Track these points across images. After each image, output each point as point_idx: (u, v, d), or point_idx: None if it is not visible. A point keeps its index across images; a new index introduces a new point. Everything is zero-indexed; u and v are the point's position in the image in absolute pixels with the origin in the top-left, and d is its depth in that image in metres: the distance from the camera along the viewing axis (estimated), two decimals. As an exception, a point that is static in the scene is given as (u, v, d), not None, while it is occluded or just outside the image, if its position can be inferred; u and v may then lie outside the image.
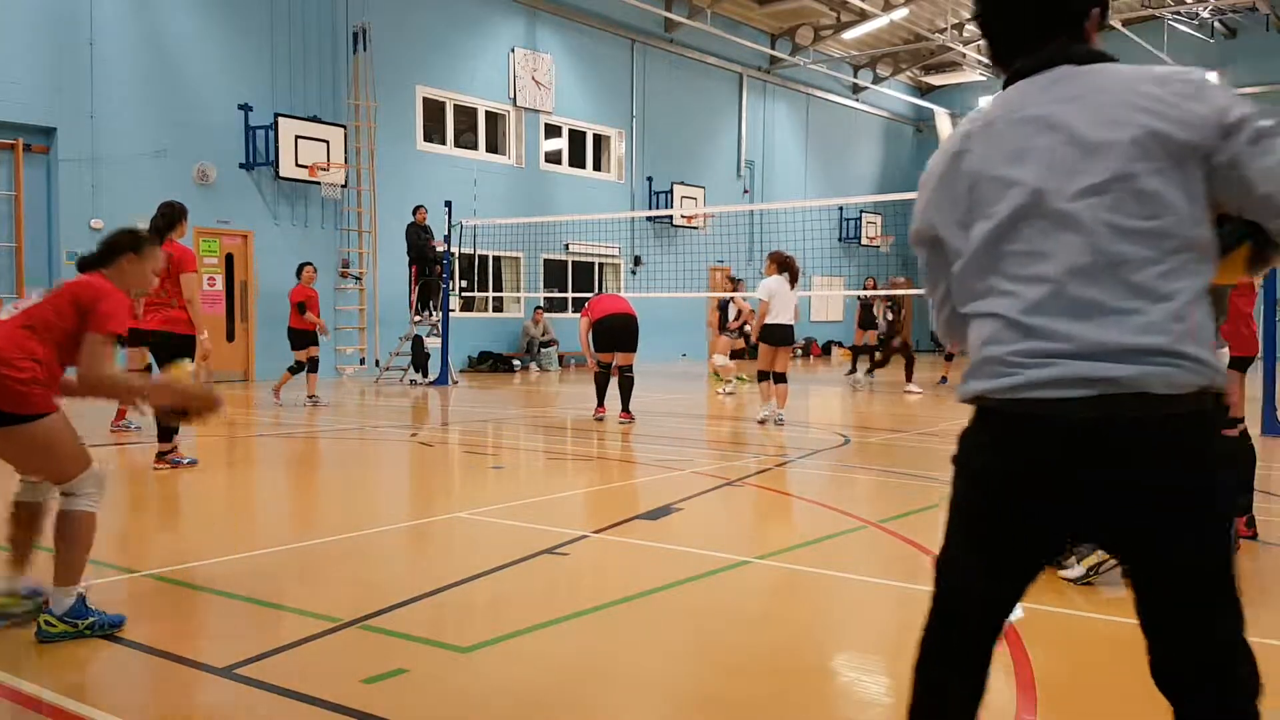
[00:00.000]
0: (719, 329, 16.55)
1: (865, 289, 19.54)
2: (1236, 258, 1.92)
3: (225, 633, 3.89)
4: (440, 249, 16.72)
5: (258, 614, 4.11)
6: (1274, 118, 1.76)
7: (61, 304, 3.76)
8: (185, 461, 7.68)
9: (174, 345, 7.51)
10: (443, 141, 20.16)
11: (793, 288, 11.40)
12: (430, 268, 16.83)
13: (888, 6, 25.87)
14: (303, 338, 12.90)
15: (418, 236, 16.63)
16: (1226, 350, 5.09)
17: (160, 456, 7.62)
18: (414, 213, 16.79)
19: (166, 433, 7.59)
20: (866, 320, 19.15)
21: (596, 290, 23.57)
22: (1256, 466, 5.49)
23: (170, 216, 7.84)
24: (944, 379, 17.34)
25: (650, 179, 24.33)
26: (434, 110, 19.99)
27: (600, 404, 11.42)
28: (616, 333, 11.17)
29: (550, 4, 21.49)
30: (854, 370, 19.67)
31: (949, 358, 17.76)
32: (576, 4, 22.10)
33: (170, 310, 7.55)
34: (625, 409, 11.20)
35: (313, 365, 12.97)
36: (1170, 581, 1.90)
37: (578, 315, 22.56)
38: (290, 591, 4.44)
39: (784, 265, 11.50)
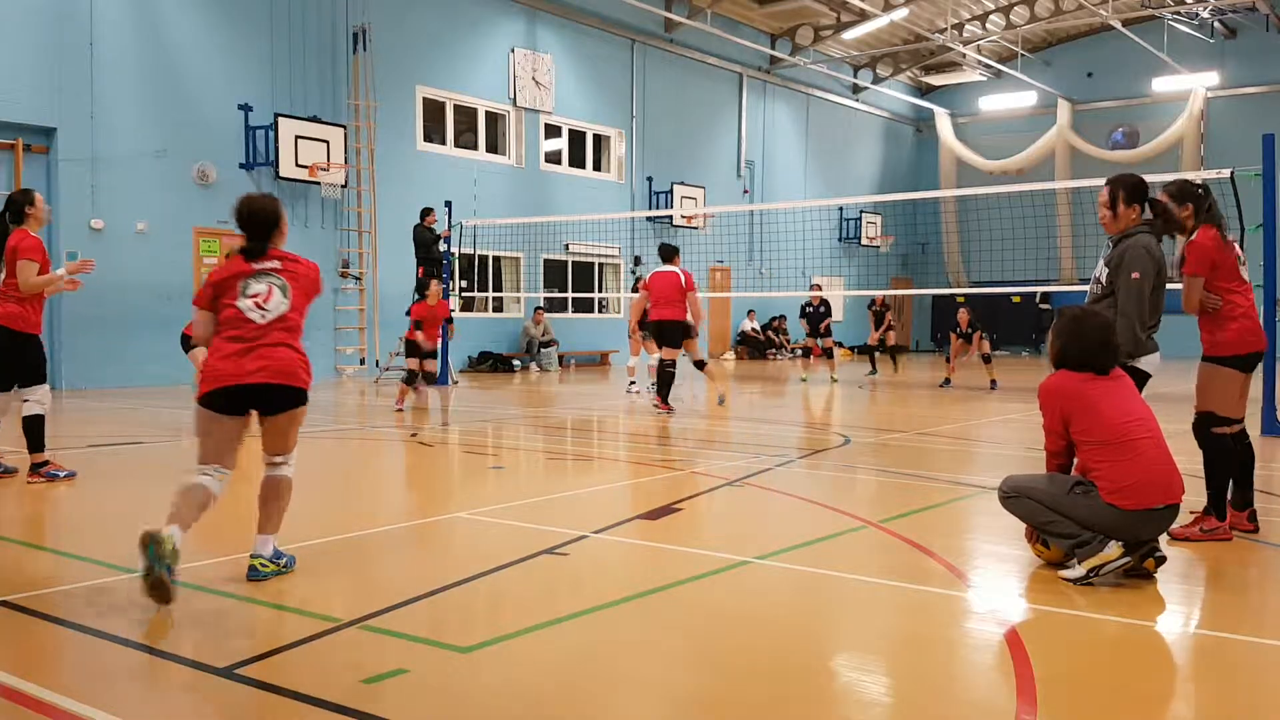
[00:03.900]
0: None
1: (876, 297, 19.89)
2: None
3: (225, 633, 3.88)
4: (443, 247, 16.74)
5: (258, 614, 4.11)
6: None
7: (301, 303, 4.62)
8: (62, 475, 6.99)
9: (12, 343, 6.88)
10: (443, 141, 20.16)
11: None
12: (434, 268, 16.83)
13: (888, 6, 25.87)
14: (418, 348, 12.58)
15: (432, 236, 16.64)
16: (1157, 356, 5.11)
17: (35, 469, 6.97)
18: (423, 216, 16.77)
19: (38, 443, 6.96)
20: (880, 324, 19.73)
21: (597, 287, 23.58)
22: (1255, 466, 5.48)
23: (15, 204, 7.07)
24: (947, 381, 17.23)
25: (650, 179, 24.33)
26: (434, 110, 19.99)
27: (664, 399, 12.00)
28: (659, 333, 12.12)
29: (550, 4, 21.49)
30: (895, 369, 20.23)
31: (951, 360, 17.64)
32: (576, 4, 22.10)
33: (6, 305, 6.85)
34: (661, 397, 11.92)
35: (427, 378, 12.66)
36: None
37: (577, 315, 22.70)
38: (290, 591, 4.44)
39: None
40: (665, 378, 11.92)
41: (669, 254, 12.40)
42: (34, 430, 6.94)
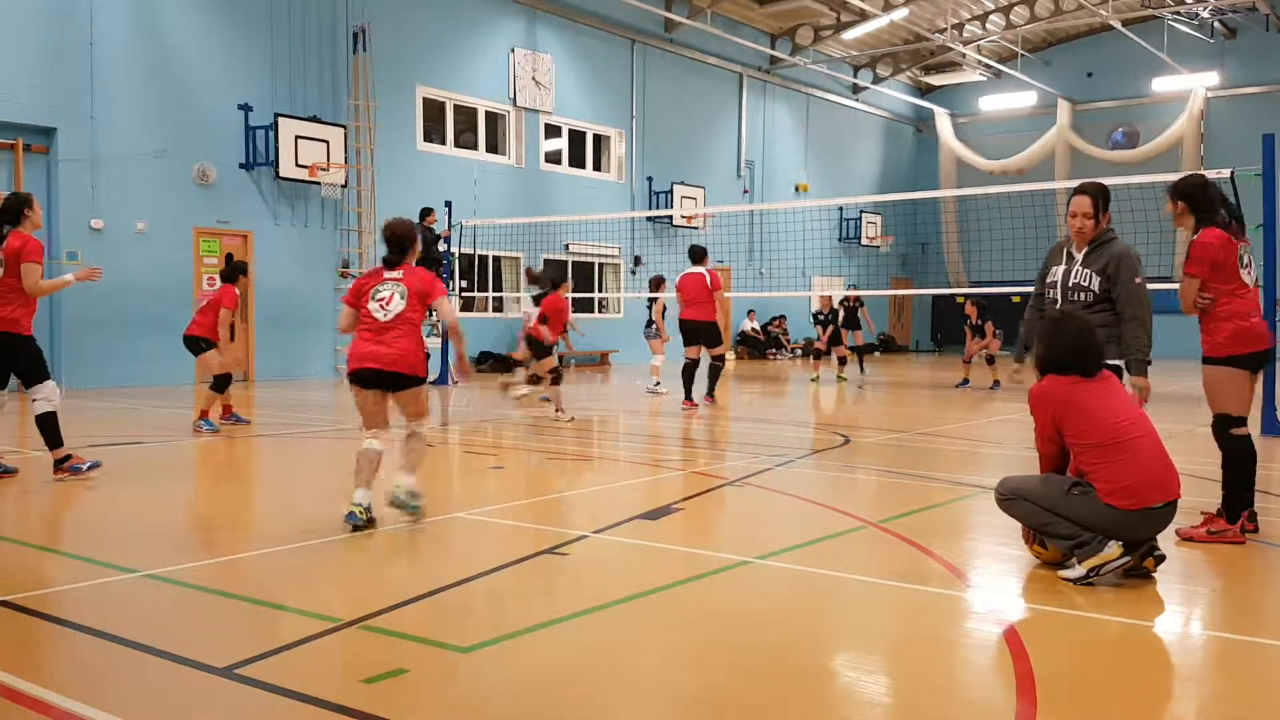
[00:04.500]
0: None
1: (847, 293, 19.66)
2: None
3: (225, 633, 3.89)
4: (442, 248, 16.76)
5: (258, 614, 4.11)
6: None
7: (420, 298, 5.76)
8: (85, 468, 7.03)
9: (13, 347, 6.87)
10: (443, 141, 20.16)
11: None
12: (434, 268, 16.84)
13: (888, 6, 25.87)
14: (545, 349, 11.77)
15: (433, 236, 16.63)
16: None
17: (58, 466, 7.01)
18: (423, 216, 16.75)
19: (54, 439, 6.97)
20: (851, 322, 19.34)
21: (597, 287, 23.57)
22: (1257, 466, 5.48)
23: (13, 207, 7.02)
24: (965, 381, 17.08)
25: (650, 179, 24.32)
26: (434, 110, 19.99)
27: (687, 397, 12.37)
28: (688, 332, 12.59)
29: (550, 4, 21.49)
30: (862, 371, 19.86)
31: (968, 360, 17.52)
32: (576, 4, 22.10)
33: (6, 309, 6.84)
34: (709, 393, 12.48)
35: (555, 377, 11.56)
36: None
37: (577, 315, 22.62)
38: (290, 591, 4.44)
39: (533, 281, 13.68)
40: (714, 373, 12.61)
41: (698, 255, 12.81)
42: (47, 427, 6.97)
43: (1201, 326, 5.46)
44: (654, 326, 15.90)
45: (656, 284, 15.38)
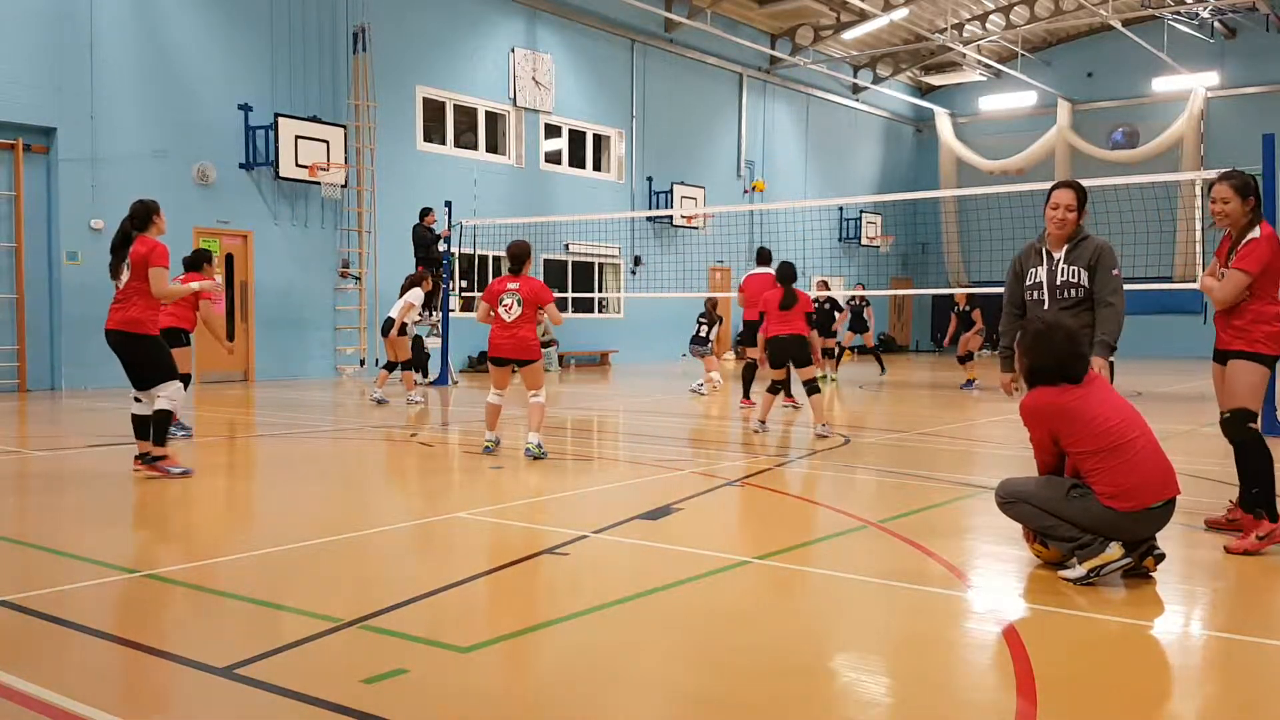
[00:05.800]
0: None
1: (854, 292, 19.58)
2: None
3: (225, 633, 3.89)
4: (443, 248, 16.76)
5: (258, 614, 4.11)
6: None
7: (531, 303, 8.22)
8: (175, 472, 7.17)
9: (133, 347, 7.09)
10: (443, 141, 20.16)
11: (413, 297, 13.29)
12: (434, 268, 16.85)
13: (888, 6, 25.86)
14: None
15: (432, 236, 16.64)
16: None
17: (150, 461, 7.17)
18: (422, 216, 16.75)
19: (160, 436, 7.15)
20: (857, 324, 19.28)
21: (597, 287, 23.56)
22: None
23: (141, 213, 7.26)
24: (970, 382, 16.99)
25: (650, 179, 24.33)
26: (434, 110, 19.99)
27: (745, 396, 12.68)
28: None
29: (550, 4, 21.49)
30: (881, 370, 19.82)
31: (962, 360, 17.43)
32: (576, 4, 22.10)
33: (129, 310, 7.08)
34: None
35: (812, 387, 10.34)
36: None
37: (577, 315, 22.65)
38: (290, 591, 4.44)
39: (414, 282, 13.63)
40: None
41: (766, 257, 13.00)
42: (159, 424, 7.11)
43: (1229, 322, 5.33)
44: (710, 344, 15.66)
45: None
